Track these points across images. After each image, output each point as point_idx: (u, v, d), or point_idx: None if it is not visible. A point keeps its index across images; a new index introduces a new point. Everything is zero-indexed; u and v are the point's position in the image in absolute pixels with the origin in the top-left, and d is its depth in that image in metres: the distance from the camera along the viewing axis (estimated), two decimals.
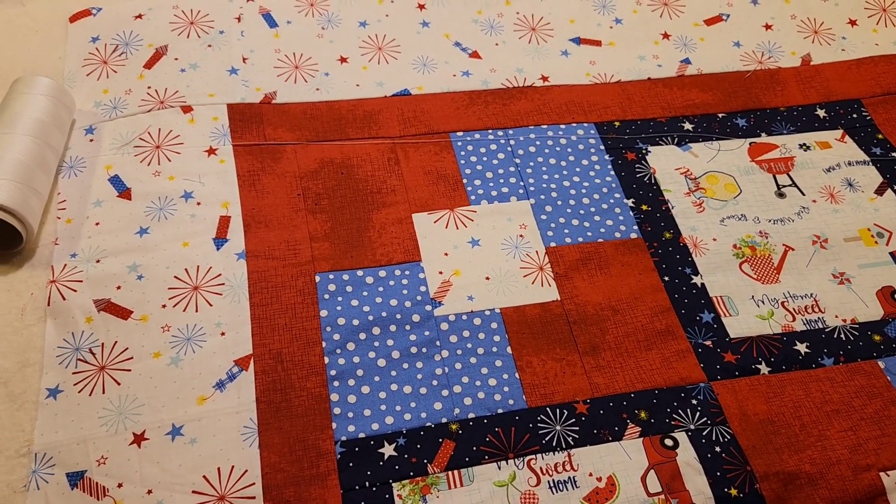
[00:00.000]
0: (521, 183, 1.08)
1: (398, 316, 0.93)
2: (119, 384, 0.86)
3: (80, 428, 0.82)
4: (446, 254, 1.00)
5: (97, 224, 0.99)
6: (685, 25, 1.32)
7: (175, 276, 0.95)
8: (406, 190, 1.06)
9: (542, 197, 1.07)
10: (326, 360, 0.89)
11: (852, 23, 1.33)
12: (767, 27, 1.32)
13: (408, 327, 0.92)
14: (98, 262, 0.96)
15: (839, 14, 1.34)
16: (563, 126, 1.16)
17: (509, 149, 1.12)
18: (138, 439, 0.82)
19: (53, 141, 1.00)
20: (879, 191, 1.12)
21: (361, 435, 0.84)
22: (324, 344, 0.90)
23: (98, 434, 0.82)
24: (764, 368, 0.93)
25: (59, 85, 1.05)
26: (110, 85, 1.14)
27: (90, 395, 0.85)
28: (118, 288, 0.94)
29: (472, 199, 1.06)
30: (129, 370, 0.87)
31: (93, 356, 0.88)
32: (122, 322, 0.91)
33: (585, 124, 1.16)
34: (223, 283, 0.95)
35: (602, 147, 1.14)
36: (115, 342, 0.89)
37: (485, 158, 1.11)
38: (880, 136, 1.18)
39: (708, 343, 0.95)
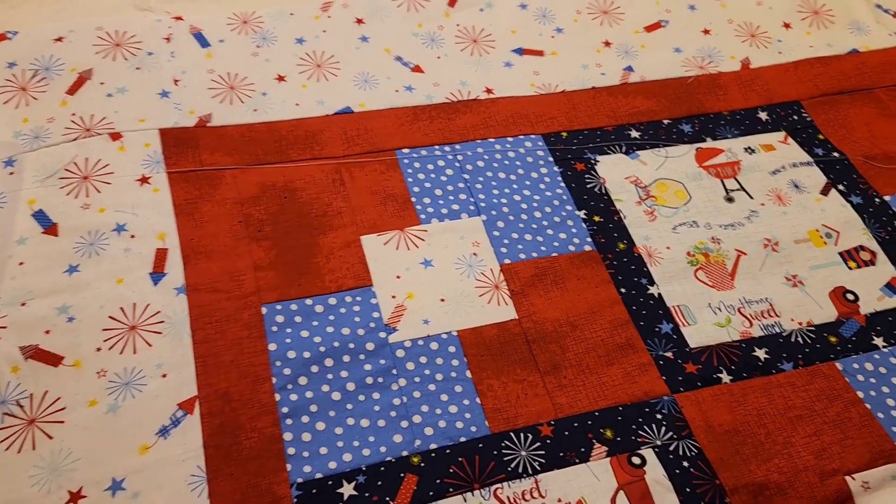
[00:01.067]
0: (472, 199, 1.06)
1: (351, 345, 0.89)
2: (51, 438, 0.80)
3: (8, 490, 0.76)
4: (398, 277, 0.96)
5: (21, 264, 0.92)
6: (626, 33, 1.31)
7: (110, 317, 0.89)
8: (353, 212, 1.02)
9: (494, 213, 1.04)
10: (277, 396, 0.85)
11: (787, 26, 1.35)
12: (706, 32, 1.33)
13: (362, 356, 0.88)
14: (24, 304, 0.89)
15: (774, 17, 1.36)
16: (510, 139, 1.14)
17: (457, 164, 1.09)
18: (75, 497, 0.76)
19: None
20: (824, 191, 1.13)
21: (318, 475, 0.80)
22: (274, 380, 0.86)
23: (29, 495, 0.76)
24: (725, 377, 0.92)
25: None
26: (31, 113, 1.07)
27: (18, 452, 0.78)
28: (47, 332, 0.87)
29: (422, 217, 1.03)
30: (63, 421, 0.81)
31: (21, 409, 0.81)
32: (53, 369, 0.84)
33: (533, 136, 1.15)
34: (163, 321, 0.89)
35: (550, 159, 1.12)
36: (46, 392, 0.83)
37: (433, 175, 1.08)
38: (821, 137, 1.20)
39: (668, 354, 0.93)
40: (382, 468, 0.81)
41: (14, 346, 0.86)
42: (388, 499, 0.79)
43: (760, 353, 0.95)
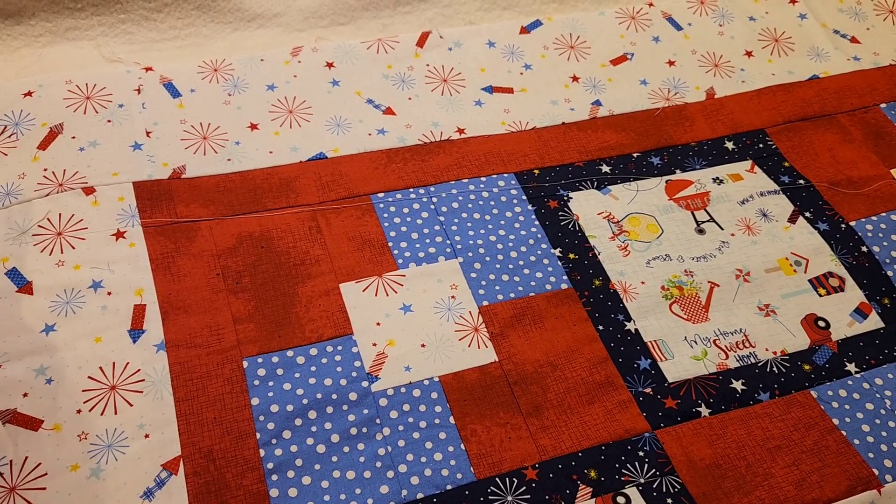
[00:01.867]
0: (448, 241, 1.07)
1: (334, 396, 0.89)
2: None
3: None
4: (378, 323, 0.97)
5: None
6: (593, 67, 1.34)
7: (89, 377, 0.88)
8: (331, 259, 1.02)
9: (470, 254, 1.05)
10: (262, 452, 0.84)
11: (749, 54, 1.39)
12: (671, 63, 1.36)
13: (345, 407, 0.88)
14: (0, 367, 0.88)
15: (736, 47, 1.39)
16: (483, 178, 1.15)
17: (432, 206, 1.10)
18: None
19: None
20: (792, 219, 1.16)
21: None
22: (258, 435, 0.85)
23: None
24: (704, 411, 0.94)
25: None
26: (2, 169, 1.07)
27: None
28: (25, 395, 0.86)
29: (399, 262, 1.04)
30: (44, 488, 0.80)
31: (0, 477, 0.80)
32: (33, 434, 0.84)
33: (506, 175, 1.16)
34: (143, 380, 0.89)
35: (524, 197, 1.13)
36: (26, 458, 0.82)
37: (408, 219, 1.09)
38: (787, 164, 1.22)
39: (648, 390, 0.95)
40: None
41: None
42: None
43: (737, 385, 0.97)
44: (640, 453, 0.89)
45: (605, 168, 1.19)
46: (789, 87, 1.34)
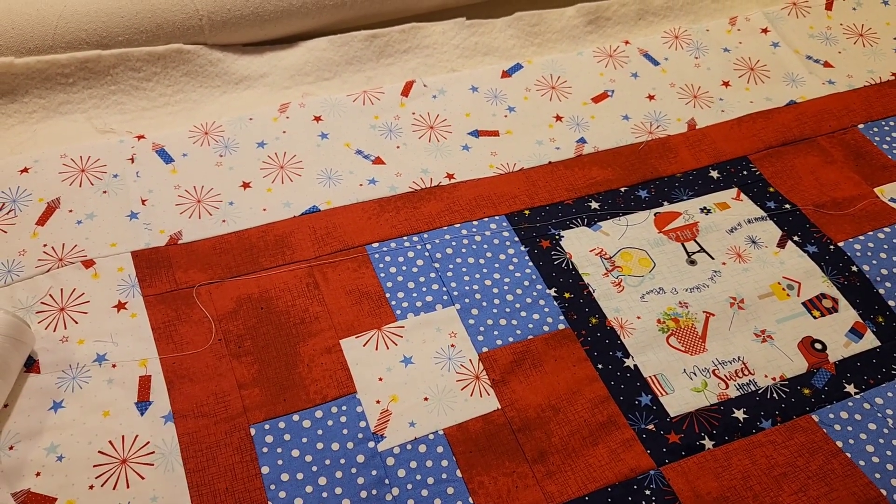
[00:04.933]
0: (444, 288, 1.08)
1: (342, 460, 0.90)
2: None
3: None
4: (381, 379, 0.98)
5: (5, 406, 0.93)
6: (575, 105, 1.36)
7: (99, 451, 0.89)
8: (330, 315, 1.04)
9: (467, 300, 1.07)
10: None
11: (726, 84, 1.42)
12: (651, 97, 1.38)
13: (353, 470, 0.89)
14: (12, 448, 0.89)
15: (713, 77, 1.42)
16: (475, 222, 1.17)
17: (427, 254, 1.12)
18: None
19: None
20: (781, 244, 1.18)
21: None
22: None
23: None
24: (708, 443, 0.95)
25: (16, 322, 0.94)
26: (2, 247, 1.09)
27: None
28: (37, 475, 0.87)
29: (397, 313, 1.05)
30: None
31: None
32: None
33: (497, 217, 1.18)
34: (153, 452, 0.90)
35: (516, 239, 1.15)
36: None
37: (404, 268, 1.10)
38: (772, 190, 1.25)
39: (651, 427, 0.96)
40: None
41: (6, 493, 0.86)
42: None
43: (739, 414, 0.98)
44: (647, 492, 0.90)
45: (595, 204, 1.21)
46: (768, 114, 1.36)
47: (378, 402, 0.95)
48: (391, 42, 1.39)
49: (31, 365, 0.97)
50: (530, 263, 1.13)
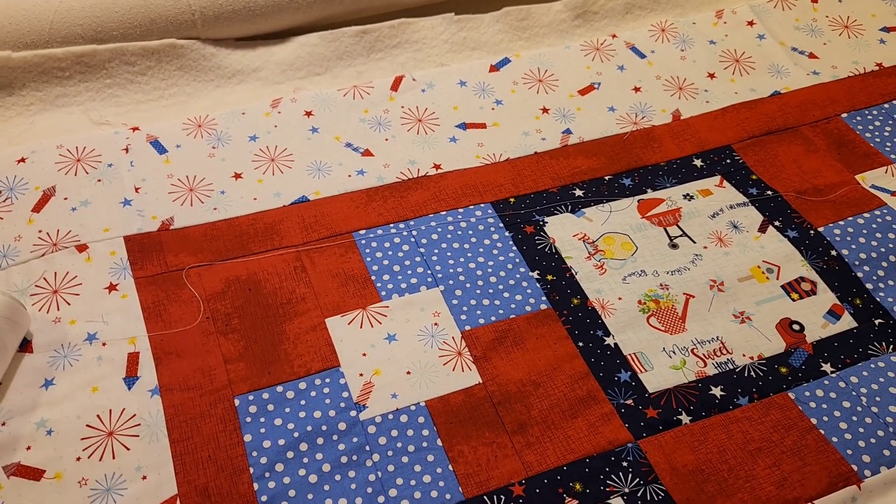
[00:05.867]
0: (429, 271, 1.11)
1: (324, 427, 0.92)
2: None
3: None
4: (364, 354, 1.00)
5: (0, 385, 0.95)
6: (561, 98, 1.39)
7: (87, 425, 0.92)
8: (316, 296, 1.06)
9: (451, 282, 1.09)
10: (256, 486, 0.87)
11: (711, 76, 1.44)
12: (636, 90, 1.41)
13: (335, 437, 0.91)
14: (4, 424, 0.92)
15: (698, 69, 1.45)
16: (461, 210, 1.19)
17: (412, 240, 1.14)
18: None
19: None
20: (762, 228, 1.19)
21: None
22: (251, 470, 0.88)
23: None
24: (685, 418, 0.96)
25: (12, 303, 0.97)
26: None
27: None
28: (28, 448, 0.90)
29: (382, 294, 1.07)
30: None
31: None
32: (35, 484, 0.87)
33: (482, 205, 1.20)
34: (139, 424, 0.92)
35: (501, 225, 1.18)
36: None
37: (390, 252, 1.13)
38: (754, 177, 1.27)
39: (629, 402, 0.98)
40: None
41: None
42: None
43: (716, 391, 0.99)
44: (624, 464, 0.91)
45: (579, 192, 1.23)
46: (752, 104, 1.38)
47: (361, 374, 0.97)
48: (381, 37, 1.43)
49: (24, 345, 0.99)
50: (514, 248, 1.15)
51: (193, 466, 0.88)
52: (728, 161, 1.29)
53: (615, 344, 1.04)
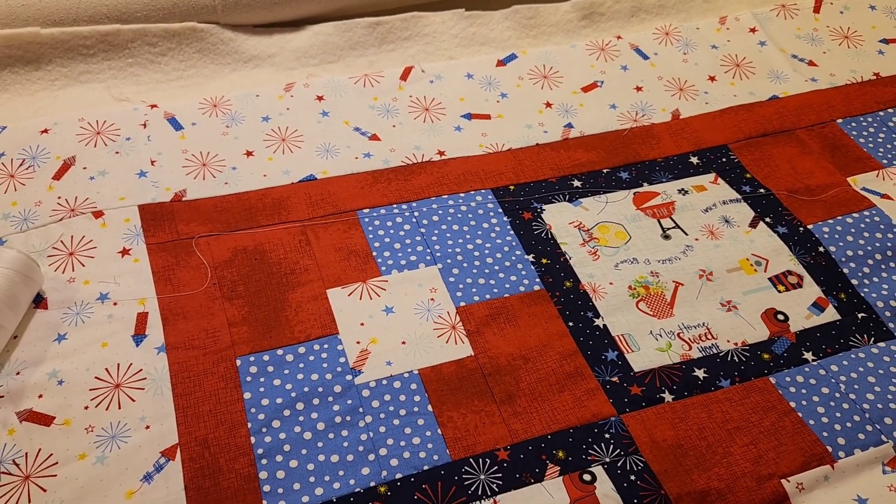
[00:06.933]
0: (428, 250, 1.15)
1: (320, 389, 0.97)
2: (45, 491, 0.86)
3: None
4: (362, 324, 1.04)
5: (15, 337, 1.00)
6: (565, 94, 1.43)
7: (96, 377, 0.96)
8: (319, 268, 1.11)
9: (449, 261, 1.14)
10: (253, 439, 0.92)
11: (712, 79, 1.48)
12: (638, 89, 1.45)
13: (330, 398, 0.96)
14: (18, 374, 0.96)
15: (700, 72, 1.49)
16: (462, 194, 1.24)
17: (414, 220, 1.19)
18: None
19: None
20: (753, 224, 1.23)
21: None
22: (249, 425, 0.93)
23: None
24: (668, 396, 1.00)
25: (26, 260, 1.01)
26: (19, 197, 1.17)
27: None
28: (40, 396, 0.94)
29: (382, 269, 1.12)
30: (55, 475, 0.88)
31: (17, 467, 0.88)
32: (46, 429, 0.91)
33: (483, 191, 1.25)
34: (145, 378, 0.96)
35: (500, 210, 1.22)
36: (39, 450, 0.90)
37: (392, 231, 1.17)
38: (748, 176, 1.30)
39: (615, 379, 1.01)
40: (352, 499, 0.88)
41: (10, 412, 0.93)
42: None
43: (700, 373, 1.03)
44: (606, 435, 0.95)
45: (577, 183, 1.27)
46: (750, 107, 1.42)
47: (358, 342, 1.02)
48: (393, 29, 1.48)
49: (39, 302, 1.04)
50: (511, 232, 1.19)
51: (195, 419, 0.93)
52: (724, 160, 1.33)
53: (604, 325, 1.08)
